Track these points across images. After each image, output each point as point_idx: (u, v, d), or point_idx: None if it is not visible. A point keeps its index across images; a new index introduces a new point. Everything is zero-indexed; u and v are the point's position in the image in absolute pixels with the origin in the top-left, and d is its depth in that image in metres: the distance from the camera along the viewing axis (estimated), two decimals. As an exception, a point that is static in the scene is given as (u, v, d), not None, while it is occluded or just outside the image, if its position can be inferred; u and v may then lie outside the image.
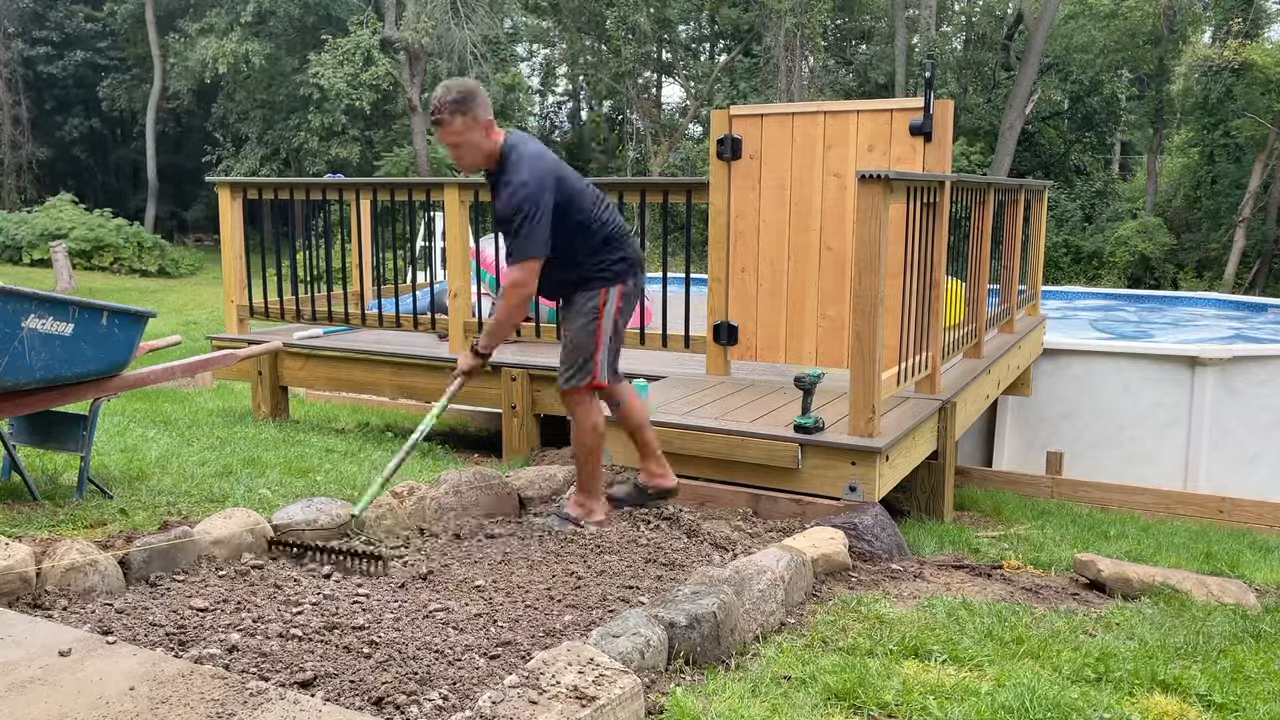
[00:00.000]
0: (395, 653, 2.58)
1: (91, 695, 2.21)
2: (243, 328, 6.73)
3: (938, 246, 4.90)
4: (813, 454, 4.21)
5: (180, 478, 4.36)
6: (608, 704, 2.17)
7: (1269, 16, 22.85)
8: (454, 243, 5.95)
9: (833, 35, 27.75)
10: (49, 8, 26.14)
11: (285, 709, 2.16)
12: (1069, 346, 7.91)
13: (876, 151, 5.06)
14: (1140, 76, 25.79)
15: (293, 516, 3.53)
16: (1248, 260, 21.04)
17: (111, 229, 20.03)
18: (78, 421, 3.91)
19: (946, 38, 27.02)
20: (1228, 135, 21.53)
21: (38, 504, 3.74)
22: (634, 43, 24.55)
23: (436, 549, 3.62)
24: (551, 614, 2.96)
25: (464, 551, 3.60)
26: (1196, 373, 7.40)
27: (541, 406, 5.72)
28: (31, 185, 26.02)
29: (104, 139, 28.79)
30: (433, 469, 5.07)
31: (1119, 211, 23.77)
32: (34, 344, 3.44)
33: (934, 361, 5.00)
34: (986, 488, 6.31)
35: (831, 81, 25.74)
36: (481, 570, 3.37)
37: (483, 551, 3.60)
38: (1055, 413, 7.77)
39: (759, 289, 5.37)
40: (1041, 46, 21.39)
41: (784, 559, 3.27)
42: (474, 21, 22.29)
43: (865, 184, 4.04)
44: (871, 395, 4.18)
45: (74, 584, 2.89)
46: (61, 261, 16.64)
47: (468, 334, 5.97)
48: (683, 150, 24.90)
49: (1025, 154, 23.99)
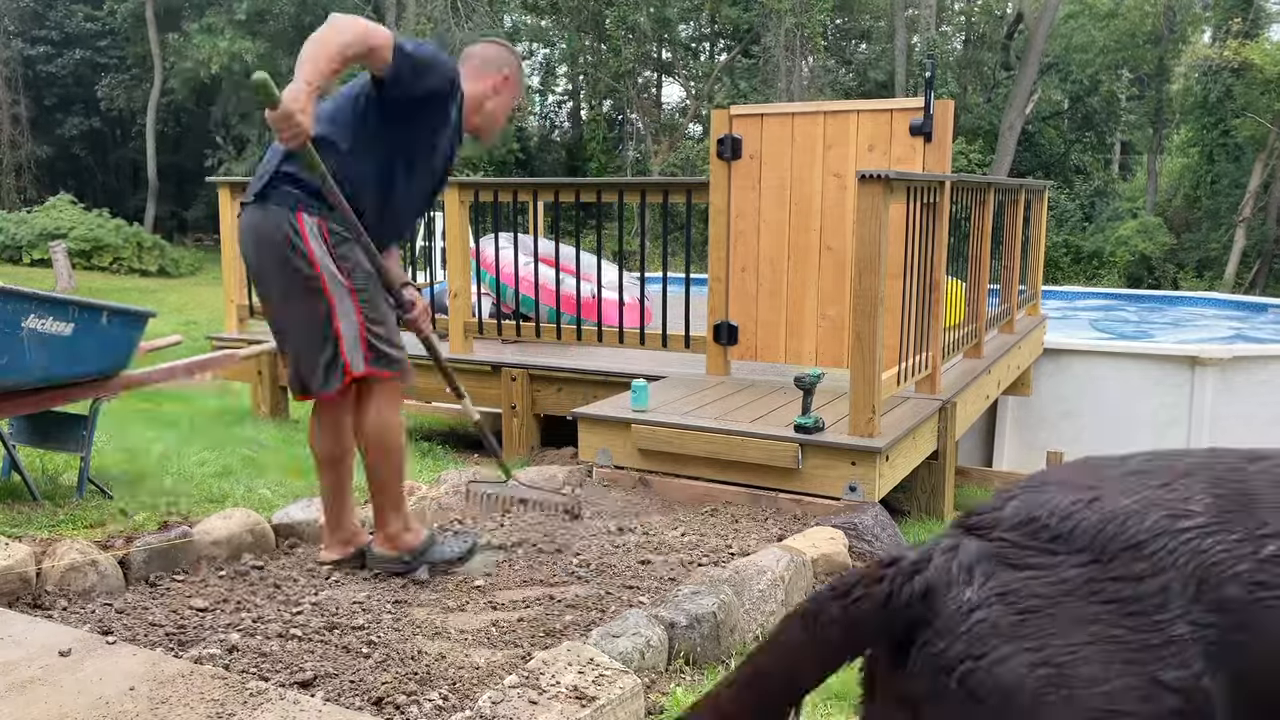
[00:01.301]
0: (395, 653, 2.58)
1: (91, 695, 2.21)
2: (243, 328, 6.72)
3: (938, 246, 4.90)
4: (813, 454, 4.21)
5: (180, 478, 4.36)
6: (608, 704, 2.17)
7: (1269, 16, 22.85)
8: (454, 243, 5.95)
9: (832, 35, 27.75)
10: (49, 7, 26.12)
11: (285, 709, 2.16)
12: (1069, 346, 7.91)
13: (876, 151, 5.06)
14: (1140, 76, 25.80)
15: (293, 516, 3.53)
16: (1248, 260, 21.04)
17: (111, 229, 20.02)
18: (78, 421, 3.91)
19: (946, 37, 27.02)
20: (1227, 135, 21.53)
21: (38, 504, 3.74)
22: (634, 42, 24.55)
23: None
24: (551, 614, 2.96)
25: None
26: (1196, 373, 7.40)
27: (541, 406, 5.73)
28: (31, 185, 26.00)
29: (104, 138, 28.76)
30: (433, 469, 5.07)
31: (1119, 211, 23.78)
32: (34, 344, 3.44)
33: (934, 361, 5.00)
34: (986, 488, 6.31)
35: (831, 81, 25.74)
36: (481, 570, 3.37)
37: (483, 551, 3.60)
38: (1055, 413, 7.77)
39: (759, 289, 5.37)
40: (1041, 46, 21.39)
41: (784, 559, 3.27)
42: (473, 21, 22.30)
43: (865, 184, 4.04)
44: (871, 395, 4.18)
45: (74, 584, 2.88)
46: (61, 261, 16.63)
47: (468, 334, 5.98)
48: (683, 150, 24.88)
49: (1025, 154, 23.99)
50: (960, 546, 1.19)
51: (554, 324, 6.00)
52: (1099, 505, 1.16)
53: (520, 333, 5.95)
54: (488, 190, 6.05)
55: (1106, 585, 1.10)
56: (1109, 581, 1.10)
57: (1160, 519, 1.13)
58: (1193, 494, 1.15)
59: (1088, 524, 1.15)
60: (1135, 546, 1.12)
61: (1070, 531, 1.15)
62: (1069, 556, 1.13)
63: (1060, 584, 1.12)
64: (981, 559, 1.16)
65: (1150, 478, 1.19)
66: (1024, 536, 1.16)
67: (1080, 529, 1.15)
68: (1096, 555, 1.12)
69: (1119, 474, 1.21)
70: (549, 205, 6.85)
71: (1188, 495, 1.15)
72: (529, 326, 5.96)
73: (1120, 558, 1.11)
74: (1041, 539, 1.16)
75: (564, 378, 5.64)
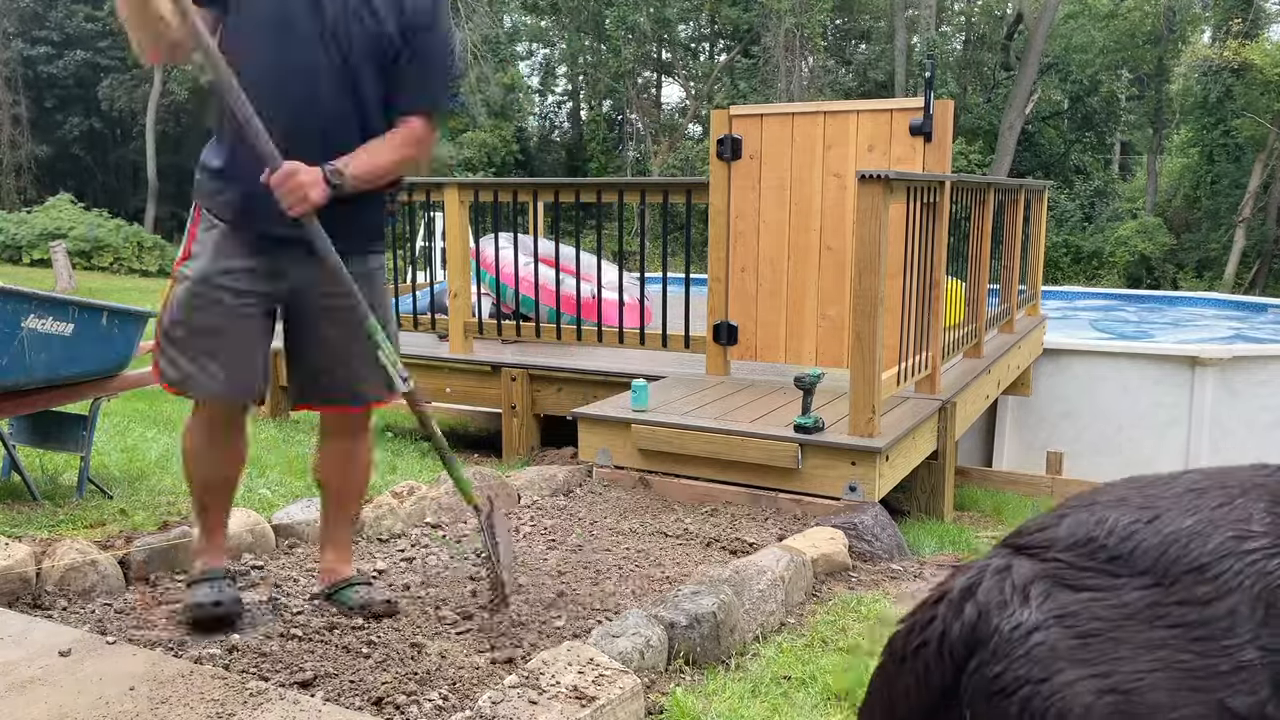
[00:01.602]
0: (395, 653, 2.58)
1: (91, 695, 2.21)
2: (242, 328, 6.72)
3: (938, 246, 4.90)
4: (813, 454, 4.21)
5: (180, 478, 4.36)
6: (608, 704, 2.17)
7: (1269, 16, 22.86)
8: (454, 243, 5.95)
9: (832, 35, 27.75)
10: (49, 8, 26.13)
11: (285, 709, 2.16)
12: (1069, 346, 7.91)
13: (876, 151, 5.06)
14: (1140, 76, 25.81)
15: (293, 516, 3.53)
16: (1248, 260, 21.05)
17: (111, 229, 20.02)
18: (78, 421, 3.91)
19: (946, 38, 27.02)
20: (1227, 135, 21.54)
21: (38, 504, 3.74)
22: (633, 42, 24.55)
23: (436, 549, 3.61)
24: (551, 613, 2.95)
25: (464, 551, 3.60)
26: (1196, 373, 7.40)
27: (541, 406, 5.73)
28: (31, 185, 26.01)
29: (104, 138, 28.78)
30: (432, 469, 5.07)
31: (1119, 211, 23.79)
32: (34, 344, 3.44)
33: (934, 361, 5.00)
34: (986, 488, 6.31)
35: (831, 81, 25.75)
36: (481, 570, 3.37)
37: (483, 551, 3.60)
38: (1055, 413, 7.77)
39: (759, 289, 5.37)
40: (1041, 46, 21.40)
41: (784, 559, 3.27)
42: (473, 21, 22.30)
43: (865, 184, 4.04)
44: (871, 395, 4.18)
45: (74, 584, 2.88)
46: (61, 261, 16.63)
47: (467, 334, 5.98)
48: (683, 150, 24.89)
49: (1025, 154, 23.99)
50: (1013, 567, 1.15)
51: (554, 324, 6.00)
52: (1159, 525, 1.13)
53: (520, 333, 5.95)
54: (488, 190, 6.05)
55: (1171, 609, 1.07)
56: (1174, 605, 1.07)
57: (1225, 540, 1.10)
58: (1254, 513, 1.12)
59: (1149, 545, 1.11)
60: (1199, 569, 1.08)
61: (1130, 553, 1.11)
62: (1131, 579, 1.10)
63: (1122, 607, 1.09)
64: (1037, 579, 1.13)
65: (1208, 497, 1.16)
66: (1081, 557, 1.13)
67: (1141, 550, 1.11)
68: (1159, 578, 1.09)
69: (1175, 493, 1.18)
70: (549, 205, 6.85)
71: (1248, 514, 1.12)
72: (529, 326, 5.96)
73: (1183, 580, 1.08)
74: (1099, 559, 1.12)
75: (564, 378, 5.64)
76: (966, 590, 1.17)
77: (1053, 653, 1.08)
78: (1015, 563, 1.16)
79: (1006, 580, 1.14)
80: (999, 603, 1.13)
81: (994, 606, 1.13)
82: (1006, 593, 1.13)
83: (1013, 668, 1.10)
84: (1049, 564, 1.14)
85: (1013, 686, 1.09)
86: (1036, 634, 1.10)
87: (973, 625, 1.14)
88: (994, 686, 1.11)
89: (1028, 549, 1.17)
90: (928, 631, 1.18)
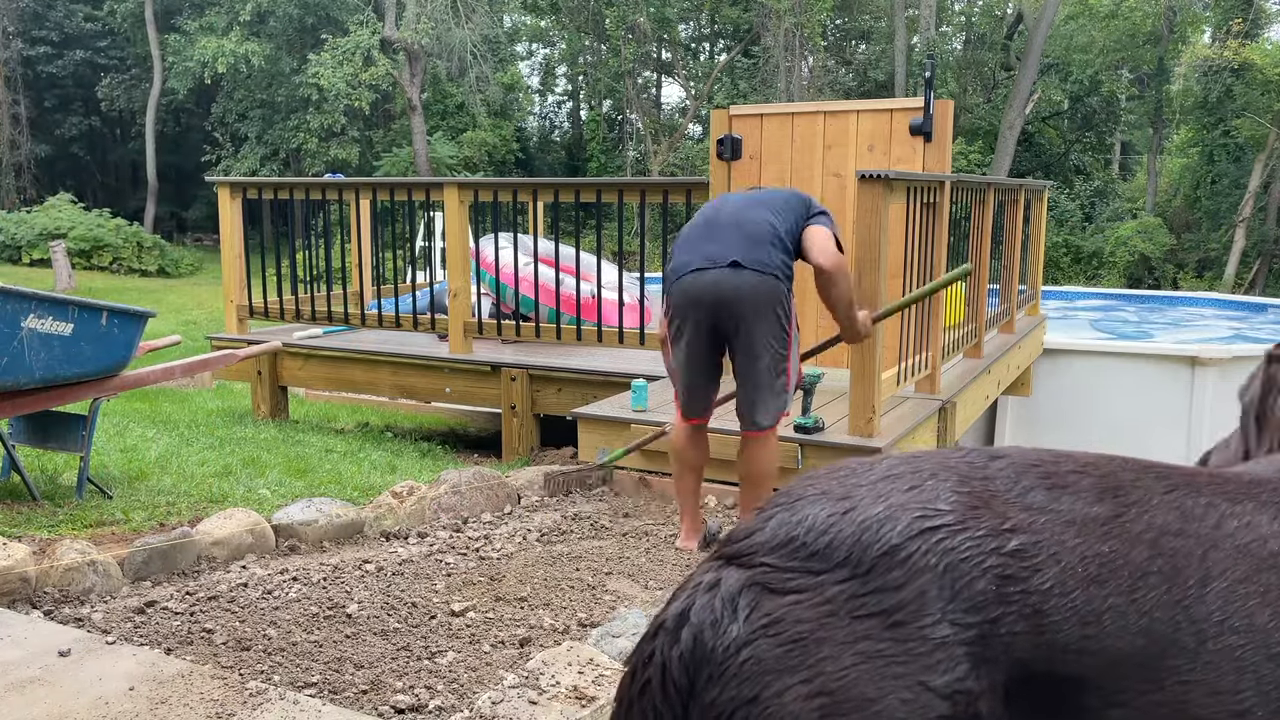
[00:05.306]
0: (395, 653, 2.58)
1: (91, 695, 2.21)
2: (242, 328, 6.72)
3: (938, 246, 4.89)
4: (813, 454, 4.21)
5: (180, 478, 4.36)
6: (607, 704, 2.17)
7: (1269, 16, 22.86)
8: (454, 243, 5.95)
9: (832, 35, 27.74)
10: (49, 7, 26.12)
11: (285, 709, 2.16)
12: (1069, 346, 7.91)
13: (876, 151, 5.06)
14: (1140, 76, 25.80)
15: (293, 516, 3.53)
16: (1248, 260, 21.04)
17: (110, 229, 20.02)
18: (77, 421, 3.91)
19: (946, 38, 27.02)
20: (1227, 135, 21.53)
21: (38, 504, 3.74)
22: (633, 42, 24.54)
23: (436, 549, 3.61)
24: (551, 613, 2.95)
25: (464, 551, 3.60)
26: (1197, 373, 7.40)
27: (541, 406, 5.72)
28: (31, 185, 26.01)
29: (103, 138, 28.78)
30: (433, 469, 5.07)
31: (1119, 211, 23.77)
32: (34, 344, 3.44)
33: (934, 361, 5.00)
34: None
35: (831, 81, 25.74)
36: (481, 570, 3.37)
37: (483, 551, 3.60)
38: (1055, 413, 7.77)
39: (759, 289, 5.36)
40: (1041, 46, 21.39)
41: (784, 559, 3.27)
42: (473, 21, 22.30)
43: (865, 184, 4.04)
44: (871, 395, 4.18)
45: (73, 584, 2.88)
46: (61, 261, 16.63)
47: (467, 334, 5.97)
48: (683, 150, 24.88)
49: (1025, 154, 23.99)
50: (722, 580, 1.11)
51: (554, 324, 6.00)
52: (854, 515, 1.11)
53: (520, 333, 5.95)
54: (487, 190, 6.05)
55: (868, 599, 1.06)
56: (870, 594, 1.06)
57: (911, 521, 1.09)
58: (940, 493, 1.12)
59: (845, 536, 1.09)
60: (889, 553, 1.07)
61: (828, 546, 1.09)
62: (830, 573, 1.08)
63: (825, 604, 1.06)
64: (745, 589, 1.09)
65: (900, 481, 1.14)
66: (784, 558, 1.10)
67: (838, 542, 1.09)
68: (855, 569, 1.07)
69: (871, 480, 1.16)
70: (549, 205, 6.85)
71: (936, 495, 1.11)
72: (529, 326, 5.96)
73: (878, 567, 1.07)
74: (801, 558, 1.09)
75: (564, 378, 5.64)
76: (681, 615, 1.12)
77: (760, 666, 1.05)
78: (725, 575, 1.12)
79: (717, 595, 1.10)
80: (711, 622, 1.09)
81: (707, 627, 1.09)
82: (718, 609, 1.09)
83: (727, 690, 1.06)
84: (756, 570, 1.11)
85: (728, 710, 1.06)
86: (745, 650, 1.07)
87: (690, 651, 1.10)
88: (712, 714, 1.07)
89: (736, 558, 1.14)
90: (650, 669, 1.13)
